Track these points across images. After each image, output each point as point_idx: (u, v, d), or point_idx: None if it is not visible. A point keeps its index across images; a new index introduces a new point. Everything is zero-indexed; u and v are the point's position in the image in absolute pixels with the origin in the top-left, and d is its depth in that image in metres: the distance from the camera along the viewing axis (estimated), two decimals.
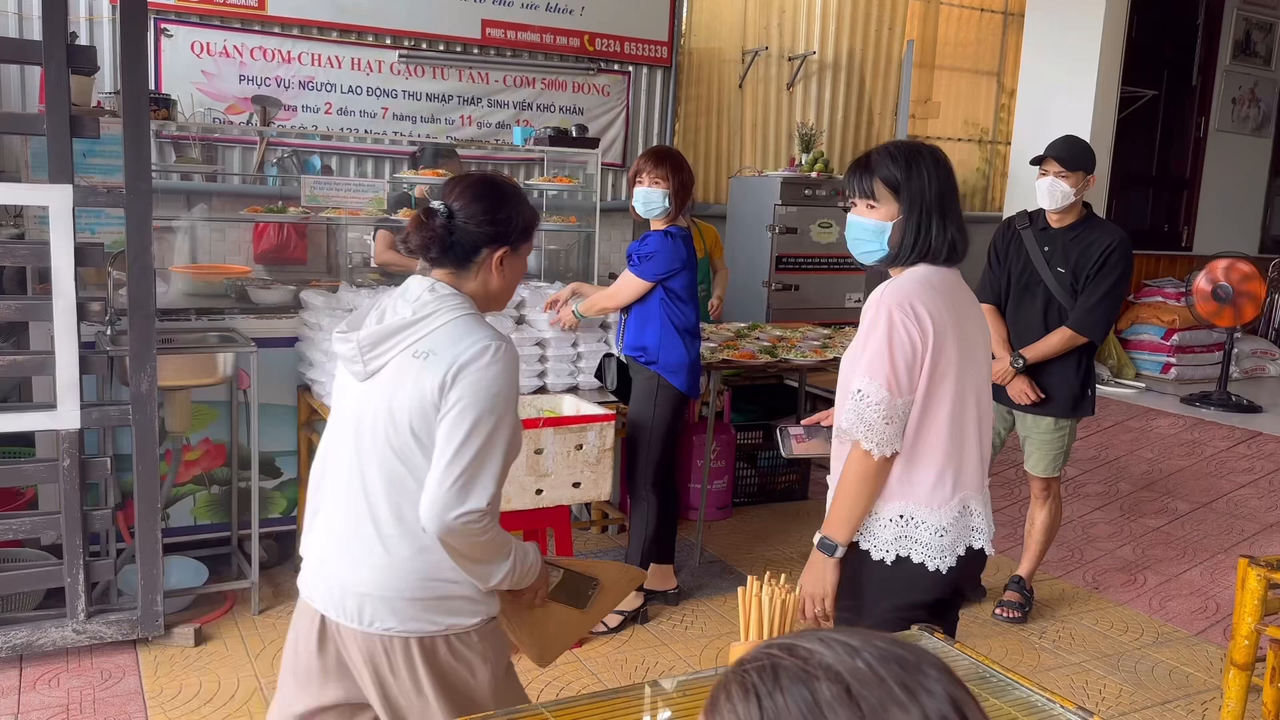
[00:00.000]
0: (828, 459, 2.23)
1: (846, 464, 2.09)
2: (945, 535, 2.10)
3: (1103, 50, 6.65)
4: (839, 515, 2.12)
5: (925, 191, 2.09)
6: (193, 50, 5.82)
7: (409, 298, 1.90)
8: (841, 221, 7.14)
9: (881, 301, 2.05)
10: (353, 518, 1.88)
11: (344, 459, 1.91)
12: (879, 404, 2.01)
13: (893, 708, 0.73)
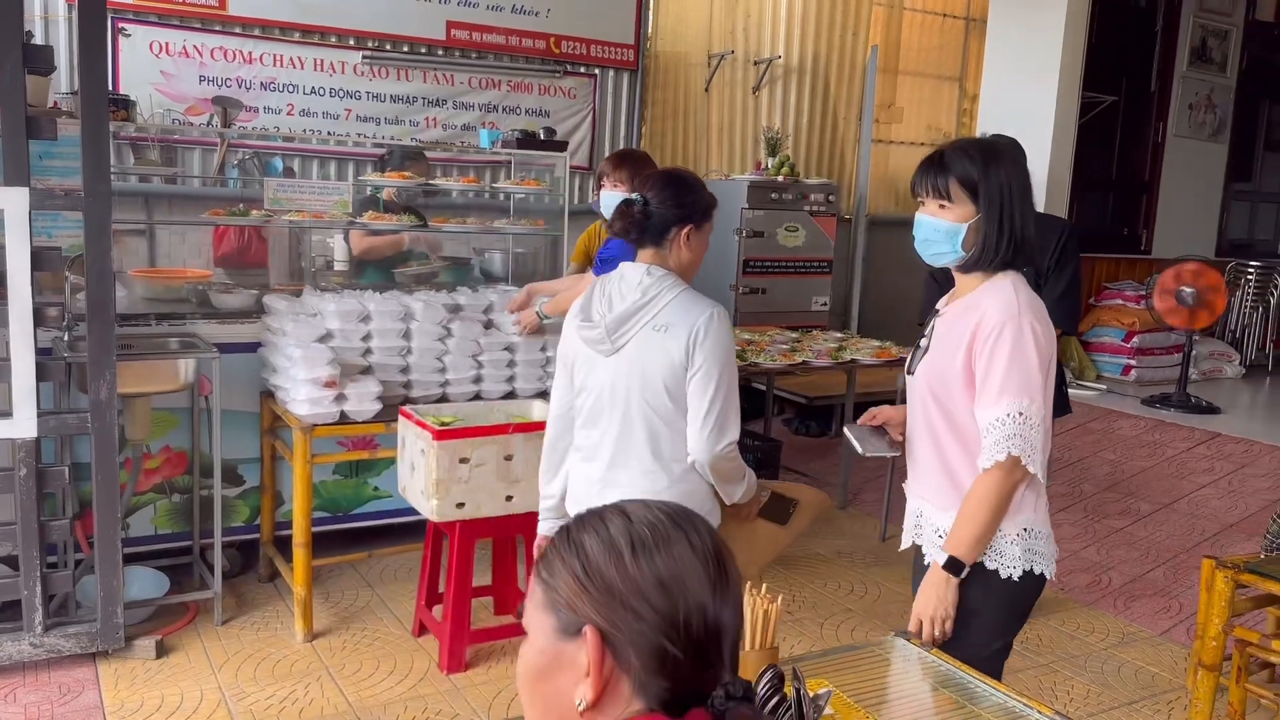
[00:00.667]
0: (886, 457, 2.24)
1: (986, 485, 1.96)
2: (1051, 540, 2.08)
3: (1064, 56, 6.73)
4: (971, 535, 2.00)
5: (1004, 191, 1.98)
6: (151, 50, 5.72)
7: (631, 283, 2.39)
8: (807, 225, 7.18)
9: (1019, 315, 1.95)
10: (620, 460, 2.40)
11: (605, 416, 2.42)
12: (1040, 423, 1.93)
13: (669, 535, 1.02)
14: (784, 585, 4.33)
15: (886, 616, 4.07)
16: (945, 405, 2.05)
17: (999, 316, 1.95)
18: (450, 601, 3.41)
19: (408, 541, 4.29)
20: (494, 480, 3.37)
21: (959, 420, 2.04)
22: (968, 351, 1.99)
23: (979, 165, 1.99)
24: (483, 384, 4.02)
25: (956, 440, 2.04)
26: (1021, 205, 2.00)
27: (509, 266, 5.72)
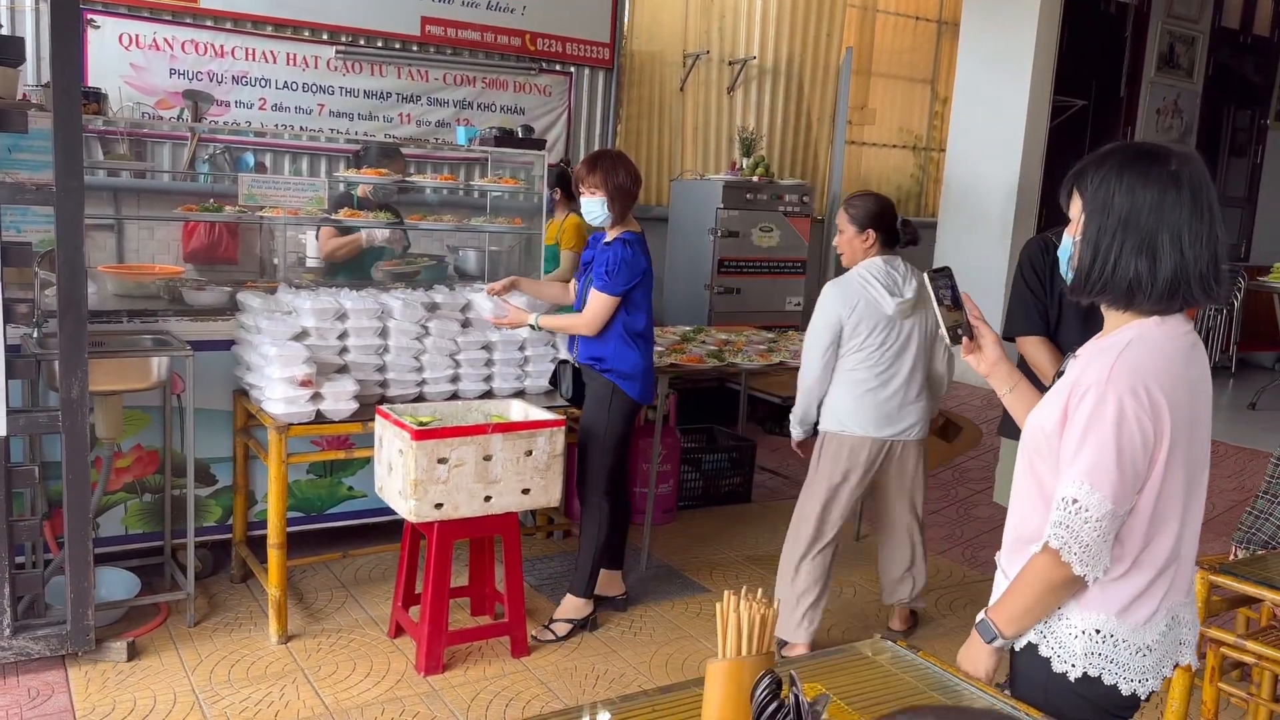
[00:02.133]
0: (944, 330, 1.86)
1: (1033, 566, 1.70)
2: (1149, 655, 1.72)
3: (1035, 60, 6.80)
4: (1011, 609, 1.75)
5: (1112, 202, 1.64)
6: (121, 42, 5.63)
7: (901, 272, 3.59)
8: (781, 226, 7.21)
9: (1108, 382, 1.61)
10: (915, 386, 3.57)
11: (908, 358, 3.53)
12: (1100, 520, 1.60)
13: None
14: (760, 584, 4.32)
15: (862, 616, 4.09)
16: (1036, 465, 1.75)
17: (1091, 377, 1.64)
18: (428, 603, 3.39)
19: (382, 542, 4.26)
20: (472, 481, 3.35)
21: (1048, 487, 1.72)
22: (1064, 409, 1.68)
23: (1094, 165, 1.69)
24: (460, 383, 4.00)
25: (1044, 508, 1.72)
26: (1142, 224, 1.62)
27: (485, 265, 5.69)
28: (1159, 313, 1.67)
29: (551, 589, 4.15)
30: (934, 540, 5.04)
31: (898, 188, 9.15)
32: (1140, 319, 1.68)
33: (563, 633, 3.69)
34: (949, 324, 1.86)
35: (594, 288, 3.59)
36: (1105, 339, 1.71)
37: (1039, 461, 1.74)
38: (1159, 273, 1.62)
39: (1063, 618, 1.73)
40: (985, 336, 1.88)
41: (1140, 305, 1.66)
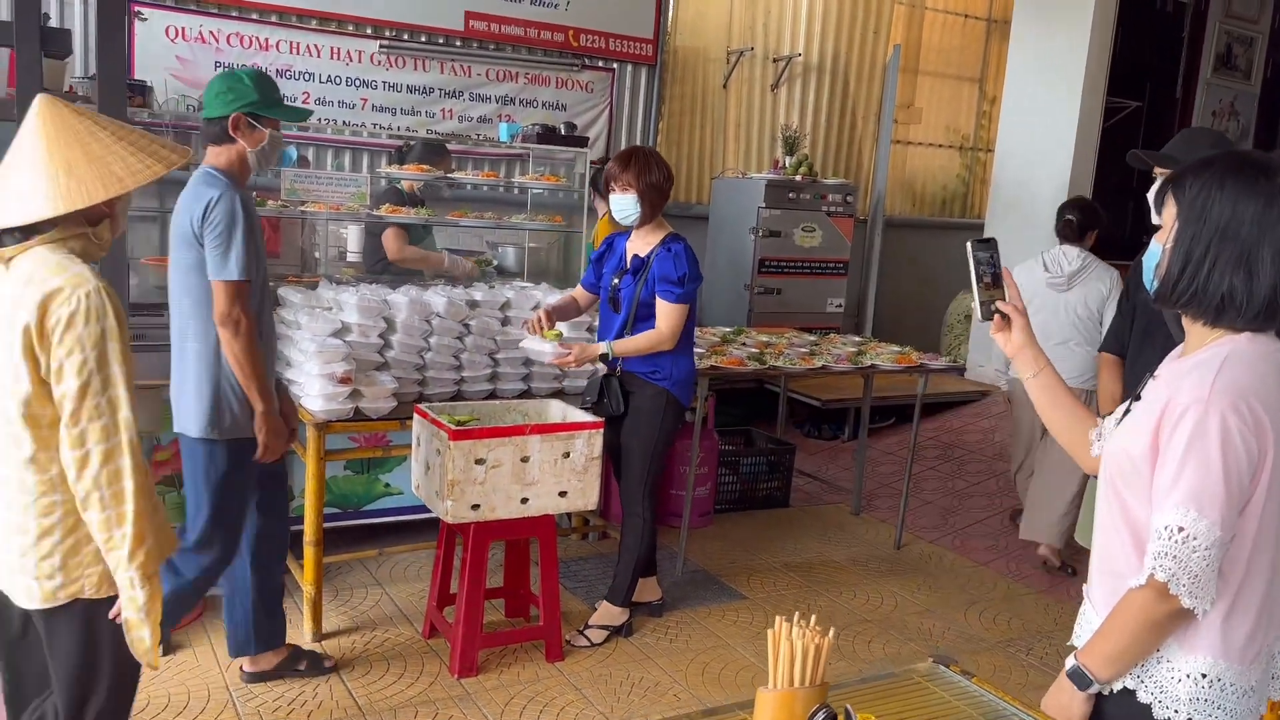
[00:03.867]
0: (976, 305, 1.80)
1: (1129, 603, 1.58)
2: (1252, 696, 1.63)
3: (1089, 61, 6.65)
4: (1106, 650, 1.63)
5: (1210, 211, 1.54)
6: (167, 35, 5.66)
7: (1072, 255, 4.54)
8: (823, 226, 7.11)
9: (1209, 400, 1.50)
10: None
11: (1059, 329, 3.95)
12: (1209, 548, 1.49)
13: None
14: (798, 592, 4.27)
15: (904, 628, 4.01)
16: (1123, 493, 1.64)
17: (1188, 395, 1.53)
18: (463, 605, 3.35)
19: (419, 539, 4.24)
20: (510, 482, 3.30)
21: (1134, 515, 1.62)
22: (1154, 433, 1.56)
23: (1194, 171, 1.58)
24: (498, 382, 3.96)
25: (1130, 538, 1.63)
26: (1244, 235, 1.52)
27: (525, 262, 5.65)
28: (1252, 330, 1.57)
29: (587, 592, 4.10)
30: (977, 551, 4.93)
31: (943, 188, 9.01)
32: (1230, 335, 1.58)
33: (598, 640, 3.64)
34: (983, 298, 1.80)
35: (666, 301, 3.48)
36: (1194, 356, 1.60)
37: (1125, 490, 1.63)
38: (1256, 289, 1.52)
39: (1163, 660, 1.61)
40: (1015, 318, 1.80)
41: (1230, 321, 1.56)
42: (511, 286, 4.34)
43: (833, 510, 5.43)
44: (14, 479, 1.93)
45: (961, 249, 4.97)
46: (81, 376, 1.85)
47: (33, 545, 1.93)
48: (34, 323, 1.84)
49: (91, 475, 1.87)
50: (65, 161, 1.86)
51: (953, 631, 4.02)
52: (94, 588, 1.97)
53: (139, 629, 1.93)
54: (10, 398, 1.88)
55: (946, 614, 4.18)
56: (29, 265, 1.88)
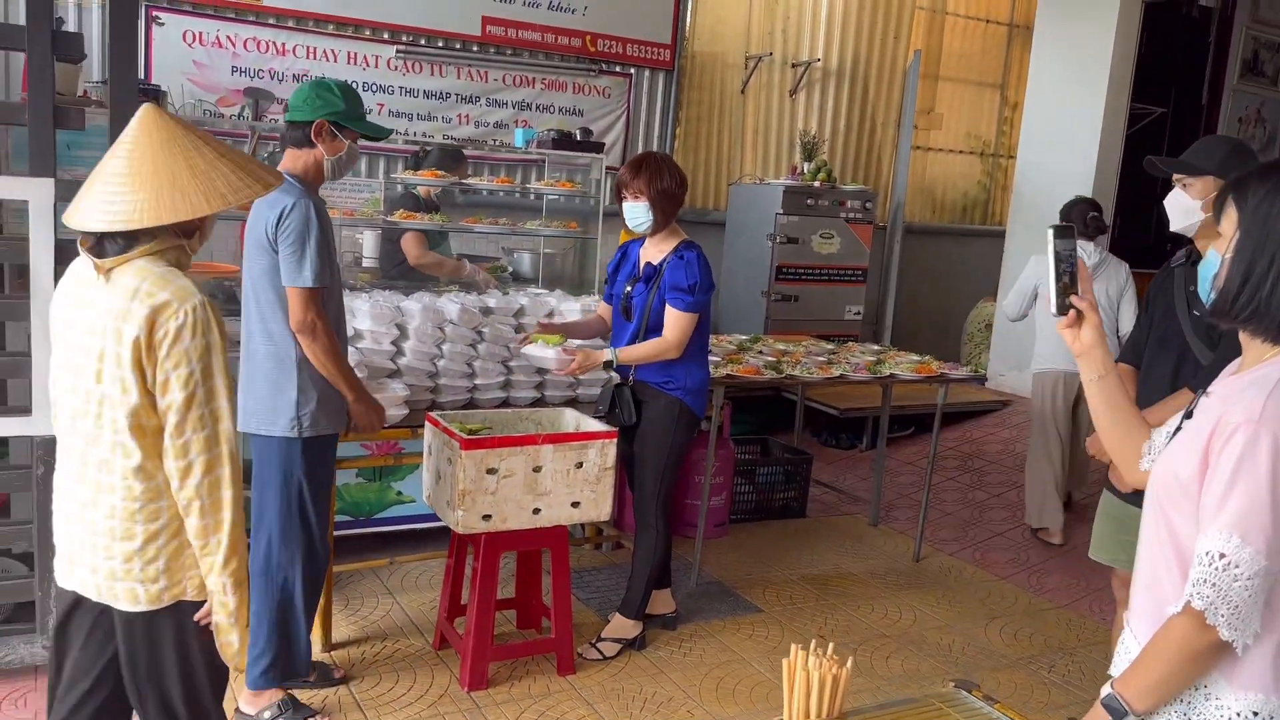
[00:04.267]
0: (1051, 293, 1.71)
1: (1169, 631, 1.50)
2: None
3: (1113, 66, 6.56)
4: (1144, 681, 1.54)
5: (1275, 222, 1.47)
6: (185, 40, 5.65)
7: (1089, 251, 4.69)
8: (842, 233, 7.04)
9: (1261, 419, 1.42)
10: None
11: None
12: (1252, 578, 1.41)
13: None
14: (814, 605, 4.20)
15: (923, 644, 3.93)
16: (1169, 514, 1.56)
17: (1240, 415, 1.44)
18: (473, 617, 3.30)
19: (431, 547, 4.19)
20: (521, 492, 3.25)
21: (1181, 539, 1.54)
22: (1204, 453, 1.48)
23: (1258, 177, 1.52)
24: (512, 390, 3.91)
25: (1176, 562, 1.55)
26: None
27: (540, 268, 5.62)
28: None
29: (600, 603, 4.05)
30: (997, 565, 4.85)
31: (964, 194, 8.92)
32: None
33: (610, 653, 3.58)
34: (1060, 291, 1.69)
35: (675, 308, 3.41)
36: (1250, 373, 1.52)
37: (1173, 511, 1.55)
38: None
39: (1211, 698, 1.50)
40: (1089, 315, 1.69)
41: None
42: (525, 293, 4.30)
43: (850, 521, 5.36)
44: (120, 487, 1.97)
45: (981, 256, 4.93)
46: (187, 389, 1.90)
47: (138, 550, 1.98)
48: (143, 336, 1.88)
49: (194, 484, 1.93)
50: (170, 173, 1.90)
51: (973, 647, 3.94)
52: (195, 590, 2.03)
53: (228, 633, 2.01)
54: (118, 408, 1.92)
55: (966, 629, 4.10)
56: (133, 278, 1.91)
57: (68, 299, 2.02)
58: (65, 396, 2.01)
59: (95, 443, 1.97)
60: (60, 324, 2.03)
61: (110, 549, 1.99)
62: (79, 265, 2.03)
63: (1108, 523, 3.05)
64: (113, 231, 1.91)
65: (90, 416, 1.96)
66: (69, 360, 1.99)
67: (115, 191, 1.90)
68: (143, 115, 1.95)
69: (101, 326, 1.92)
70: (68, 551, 2.06)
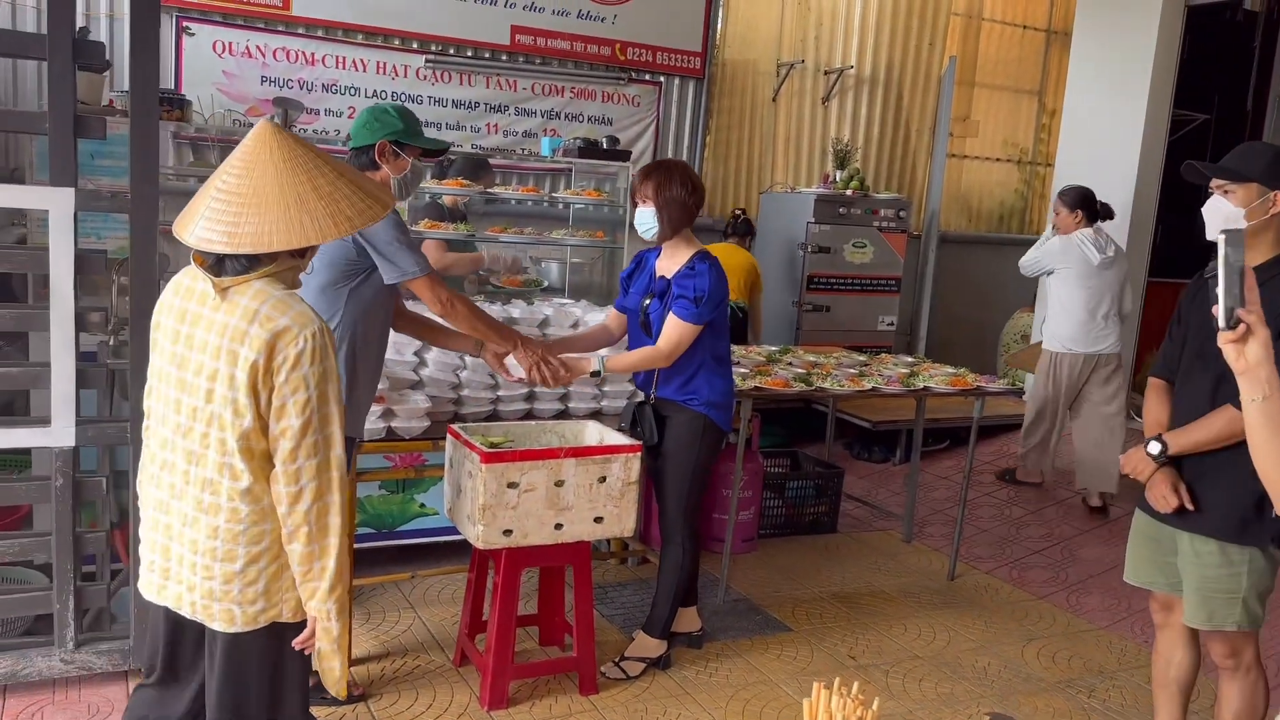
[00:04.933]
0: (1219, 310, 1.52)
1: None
2: None
3: (1154, 71, 6.39)
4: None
5: None
6: (214, 50, 5.66)
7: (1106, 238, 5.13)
8: (875, 242, 6.92)
9: None
10: None
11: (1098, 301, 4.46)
12: None
13: None
14: (845, 625, 4.08)
15: (957, 666, 3.80)
16: None
17: None
18: (494, 635, 3.23)
19: (454, 561, 4.14)
20: (543, 507, 3.18)
21: None
22: None
23: None
24: (535, 402, 3.85)
25: None
26: None
27: (565, 278, 5.56)
28: None
29: (624, 620, 3.97)
30: (1035, 584, 4.71)
31: (1000, 203, 8.76)
32: None
33: (634, 672, 3.50)
34: (1229, 303, 1.50)
35: (678, 316, 3.32)
36: None
37: None
38: None
39: None
40: (1258, 330, 1.51)
41: None
42: (550, 303, 4.24)
43: (882, 537, 5.24)
44: (225, 508, 1.96)
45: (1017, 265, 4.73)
46: (304, 415, 1.90)
47: (239, 573, 1.97)
48: (261, 360, 1.87)
49: (303, 510, 1.93)
50: (296, 194, 1.87)
51: (1009, 670, 3.81)
52: (291, 612, 2.04)
53: (331, 659, 2.03)
54: (227, 430, 1.91)
55: (1002, 651, 3.97)
56: (251, 300, 1.90)
57: (172, 311, 1.99)
58: (166, 410, 1.99)
59: (199, 461, 1.96)
60: (165, 336, 2.00)
61: (210, 569, 1.98)
62: (184, 278, 2.00)
63: (1144, 544, 2.87)
64: (235, 254, 1.88)
65: (196, 435, 1.95)
66: (174, 374, 1.97)
67: (238, 212, 1.86)
68: (261, 132, 1.91)
69: (215, 346, 1.91)
70: (161, 566, 2.05)
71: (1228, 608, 2.65)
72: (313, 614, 2.01)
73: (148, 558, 2.08)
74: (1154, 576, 2.86)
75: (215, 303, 1.92)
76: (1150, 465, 2.71)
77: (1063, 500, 5.61)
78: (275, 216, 1.85)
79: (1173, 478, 2.69)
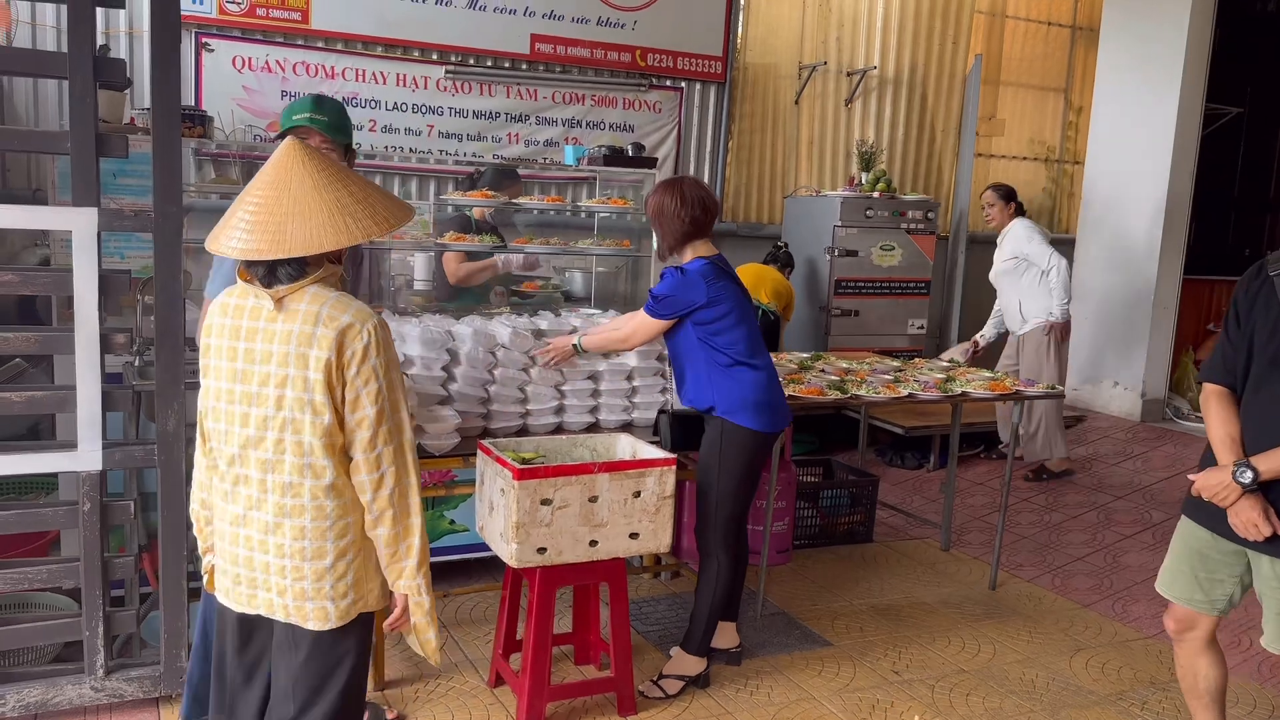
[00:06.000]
0: None
1: None
2: None
3: (1186, 65, 6.27)
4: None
5: None
6: (234, 65, 5.64)
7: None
8: (903, 244, 6.82)
9: None
10: None
11: None
12: None
13: None
14: (887, 638, 3.98)
15: (1004, 680, 3.69)
16: None
17: None
18: (529, 655, 3.15)
19: (486, 579, 4.07)
20: (577, 524, 3.11)
21: None
22: None
23: None
24: (565, 415, 3.77)
25: None
26: None
27: (592, 287, 5.49)
28: None
29: (659, 636, 3.88)
30: (1079, 592, 4.59)
31: (1029, 202, 8.60)
32: None
33: (673, 690, 3.41)
34: None
35: (643, 308, 3.41)
36: None
37: None
38: None
39: None
40: None
41: None
42: (578, 313, 4.17)
43: (920, 546, 5.13)
44: (310, 507, 2.03)
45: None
46: (378, 404, 2.02)
47: (329, 568, 2.06)
48: (333, 358, 1.98)
49: (386, 494, 2.04)
50: (335, 200, 1.98)
51: (1057, 683, 3.70)
52: (376, 601, 2.15)
53: (426, 630, 2.15)
54: (306, 431, 2.00)
55: (1049, 663, 3.86)
56: (310, 304, 2.00)
57: (224, 331, 2.07)
58: (231, 427, 2.05)
59: (275, 468, 2.03)
60: (220, 356, 2.07)
61: (300, 569, 2.05)
62: (229, 299, 2.08)
63: (1191, 559, 2.72)
64: (284, 261, 1.97)
65: (269, 443, 2.02)
66: (237, 390, 2.04)
67: (280, 222, 1.95)
68: (290, 149, 2.01)
69: (282, 353, 2.00)
70: (248, 577, 2.10)
71: None
72: (402, 591, 2.11)
73: (232, 572, 2.14)
74: (1192, 593, 2.74)
75: (271, 314, 2.01)
76: (1237, 491, 2.51)
77: (1100, 506, 5.48)
78: (320, 220, 1.94)
79: (1262, 503, 2.51)
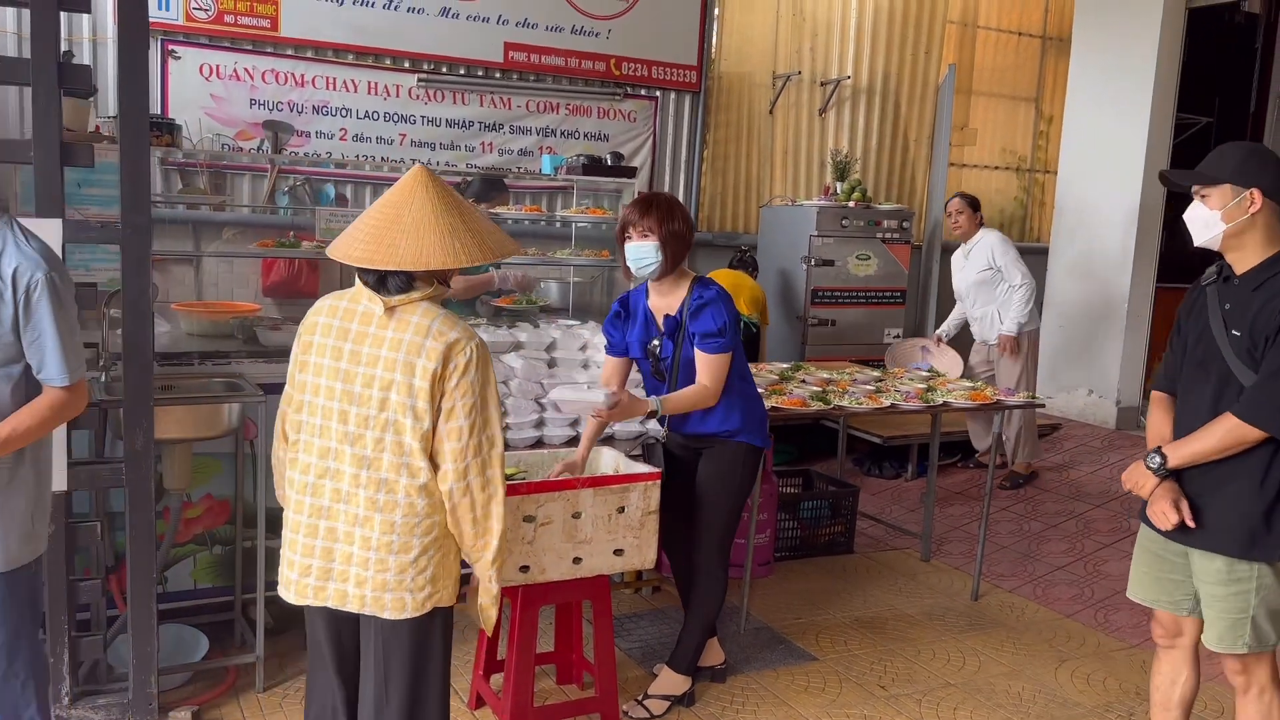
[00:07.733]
0: None
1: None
2: None
3: (1158, 75, 6.32)
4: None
5: None
6: (201, 73, 5.53)
7: None
8: (879, 253, 6.82)
9: None
10: None
11: None
12: None
13: None
14: (872, 652, 3.94)
15: (990, 693, 3.66)
16: None
17: None
18: (511, 676, 3.08)
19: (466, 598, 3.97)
20: (560, 541, 3.04)
21: None
22: None
23: None
24: (545, 429, 3.70)
25: None
26: None
27: (569, 298, 5.43)
28: None
29: (642, 652, 3.82)
30: (1061, 601, 4.57)
31: (1000, 211, 8.67)
32: None
33: (658, 711, 3.34)
34: None
35: (707, 353, 3.17)
36: None
37: None
38: None
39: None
40: None
41: None
42: (557, 325, 4.10)
43: (900, 557, 5.10)
44: (403, 504, 2.18)
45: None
46: (471, 416, 2.17)
47: (412, 562, 2.20)
48: (438, 369, 2.14)
49: (472, 496, 2.20)
50: (450, 225, 2.16)
51: (1044, 695, 3.67)
52: (450, 597, 2.31)
53: (490, 610, 2.36)
54: (406, 434, 2.16)
55: (1035, 674, 3.84)
56: (422, 317, 2.18)
57: (330, 331, 2.22)
58: (328, 422, 2.20)
59: (371, 465, 2.18)
60: (325, 355, 2.21)
61: (385, 562, 2.18)
62: (338, 302, 2.25)
63: (1148, 560, 2.76)
64: (395, 273, 2.15)
65: (368, 441, 2.18)
66: (338, 388, 2.19)
67: (395, 237, 2.13)
68: (417, 174, 2.21)
69: (390, 359, 2.16)
70: (320, 568, 2.22)
71: (1236, 628, 2.54)
72: (478, 575, 2.32)
73: (303, 562, 2.24)
74: (1156, 594, 2.75)
75: (383, 320, 2.18)
76: (1152, 480, 2.59)
77: (1079, 515, 5.49)
78: (433, 241, 2.13)
79: (1174, 493, 2.57)
